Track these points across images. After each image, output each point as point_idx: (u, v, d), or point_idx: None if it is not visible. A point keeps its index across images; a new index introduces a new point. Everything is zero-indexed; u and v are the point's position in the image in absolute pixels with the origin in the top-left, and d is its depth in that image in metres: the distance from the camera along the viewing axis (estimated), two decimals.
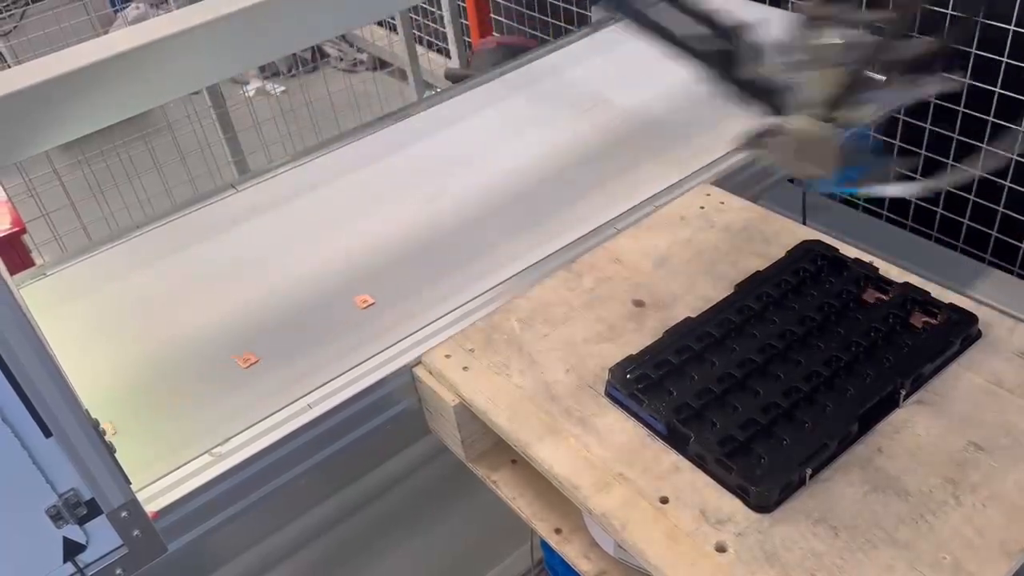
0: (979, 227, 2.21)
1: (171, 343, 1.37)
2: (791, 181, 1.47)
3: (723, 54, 1.05)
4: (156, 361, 1.35)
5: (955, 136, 2.09)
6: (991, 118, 2.02)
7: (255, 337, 1.36)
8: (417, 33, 3.85)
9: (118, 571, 0.95)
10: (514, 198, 1.59)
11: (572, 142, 1.71)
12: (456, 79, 2.68)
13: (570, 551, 1.17)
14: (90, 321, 1.44)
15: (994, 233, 2.19)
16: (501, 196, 1.60)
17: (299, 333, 1.36)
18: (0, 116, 1.35)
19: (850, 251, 1.31)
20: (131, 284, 1.51)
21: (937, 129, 2.12)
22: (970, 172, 0.98)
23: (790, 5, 1.94)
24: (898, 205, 2.37)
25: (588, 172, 1.63)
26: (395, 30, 3.68)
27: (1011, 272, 2.18)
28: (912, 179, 1.14)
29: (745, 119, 1.14)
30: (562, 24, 3.20)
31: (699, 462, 1.06)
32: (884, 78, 0.97)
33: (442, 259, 1.47)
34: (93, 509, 0.90)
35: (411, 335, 1.32)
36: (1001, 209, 2.14)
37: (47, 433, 0.84)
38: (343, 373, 1.27)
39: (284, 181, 1.73)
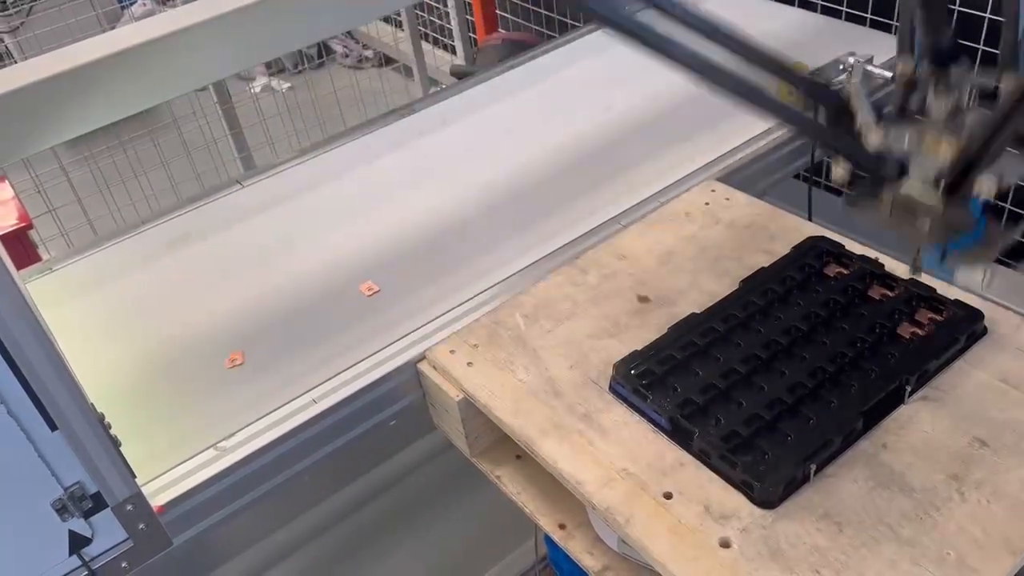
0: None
1: (177, 337, 1.38)
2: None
3: (831, 126, 1.00)
4: (162, 355, 1.35)
5: None
6: None
7: (260, 332, 1.36)
8: (423, 29, 3.85)
9: (123, 564, 0.96)
10: (519, 194, 1.59)
11: (577, 138, 1.71)
12: (461, 75, 2.68)
13: (574, 546, 1.17)
14: (96, 316, 1.44)
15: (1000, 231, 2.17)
16: (506, 192, 1.60)
17: (304, 328, 1.36)
18: (7, 112, 1.36)
19: (856, 247, 1.31)
20: (137, 279, 1.52)
21: None
22: None
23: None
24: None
25: (593, 168, 1.62)
26: (401, 26, 3.68)
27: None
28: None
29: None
30: (568, 20, 3.20)
31: (703, 458, 1.06)
32: (1005, 150, 0.91)
33: (447, 255, 1.47)
34: (99, 502, 0.91)
35: (415, 331, 1.32)
36: (1008, 207, 2.13)
37: (53, 426, 0.85)
38: (348, 368, 1.27)
39: (290, 177, 1.73)
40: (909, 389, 1.09)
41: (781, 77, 1.03)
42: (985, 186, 0.92)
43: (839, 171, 1.01)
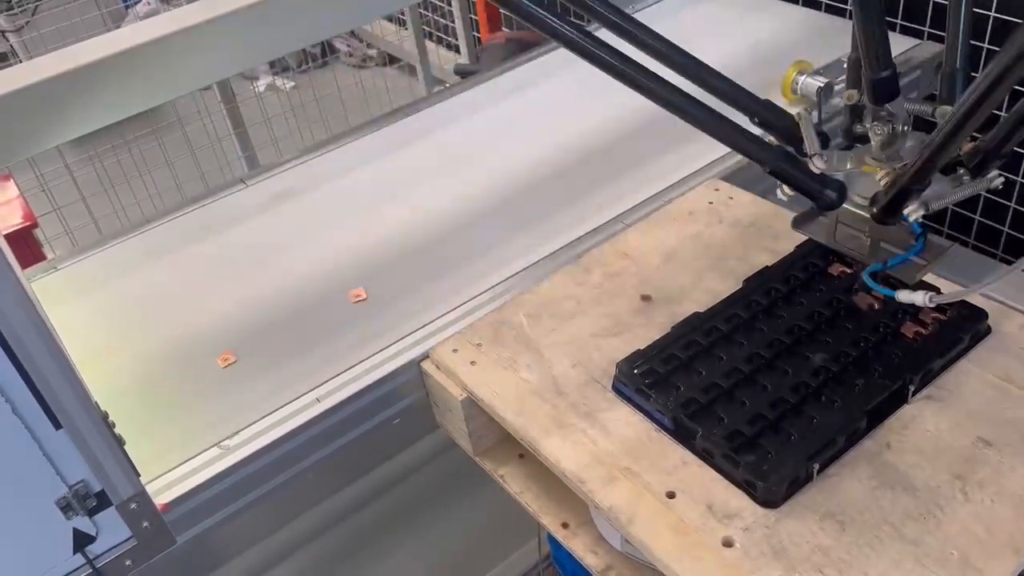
0: (991, 223, 2.19)
1: (181, 336, 1.38)
2: None
3: (780, 149, 1.07)
4: (166, 354, 1.35)
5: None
6: None
7: (265, 330, 1.37)
8: (426, 28, 3.85)
9: (127, 562, 0.96)
10: (523, 193, 1.59)
11: (582, 136, 1.71)
12: (465, 74, 2.68)
13: (577, 545, 1.17)
14: (101, 314, 1.45)
15: (1006, 229, 2.17)
16: (510, 191, 1.60)
17: (309, 327, 1.36)
18: (12, 111, 1.36)
19: None
20: (142, 278, 1.52)
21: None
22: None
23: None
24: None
25: (597, 167, 1.62)
26: (405, 25, 3.68)
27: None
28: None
29: None
30: (572, 19, 3.19)
31: (706, 457, 1.06)
32: (935, 175, 0.97)
33: (450, 254, 1.47)
34: (103, 501, 0.91)
35: (419, 330, 1.32)
36: (1013, 205, 2.13)
37: (57, 425, 0.85)
38: (351, 367, 1.27)
39: (294, 176, 1.73)
40: (913, 389, 1.09)
41: (733, 105, 1.08)
42: (913, 212, 0.98)
43: (784, 192, 1.10)
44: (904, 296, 1.06)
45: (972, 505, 0.96)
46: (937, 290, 1.19)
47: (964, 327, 1.14)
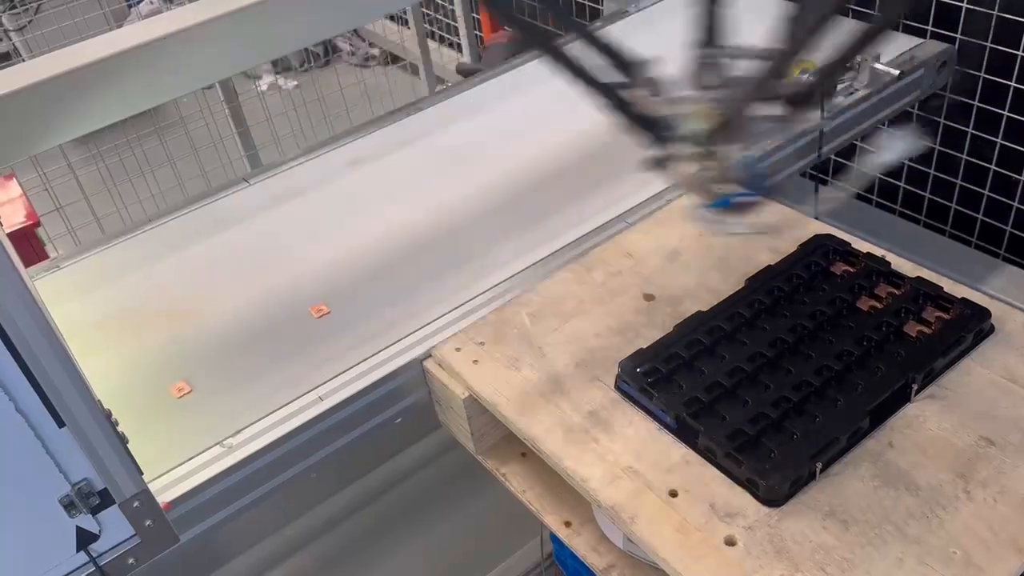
0: (993, 222, 2.19)
1: (183, 335, 1.38)
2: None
3: (617, 87, 1.13)
4: (168, 352, 1.36)
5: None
6: None
7: (267, 329, 1.37)
8: (429, 28, 3.85)
9: (131, 561, 0.96)
10: (526, 191, 1.59)
11: (584, 136, 1.71)
12: (468, 73, 2.68)
13: (579, 544, 1.17)
14: (103, 313, 1.45)
15: (1008, 228, 2.17)
16: (513, 190, 1.60)
17: (311, 325, 1.36)
18: (15, 110, 1.36)
19: (862, 245, 1.30)
20: (144, 277, 1.52)
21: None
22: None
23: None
24: (911, 200, 2.36)
25: (600, 166, 1.62)
26: (407, 25, 3.68)
27: None
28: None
29: None
30: (573, 18, 3.19)
31: (709, 456, 1.06)
32: (763, 113, 1.05)
33: (453, 252, 1.47)
34: (106, 499, 0.91)
35: (421, 328, 1.32)
36: (1016, 204, 2.13)
37: (60, 423, 0.85)
38: (354, 365, 1.27)
39: (297, 175, 1.73)
40: (916, 387, 1.09)
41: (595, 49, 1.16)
42: (734, 150, 1.05)
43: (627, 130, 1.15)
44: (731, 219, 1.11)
45: (975, 504, 0.96)
46: (940, 289, 1.20)
47: (967, 326, 1.14)
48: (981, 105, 2.06)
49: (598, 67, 1.13)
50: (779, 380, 1.11)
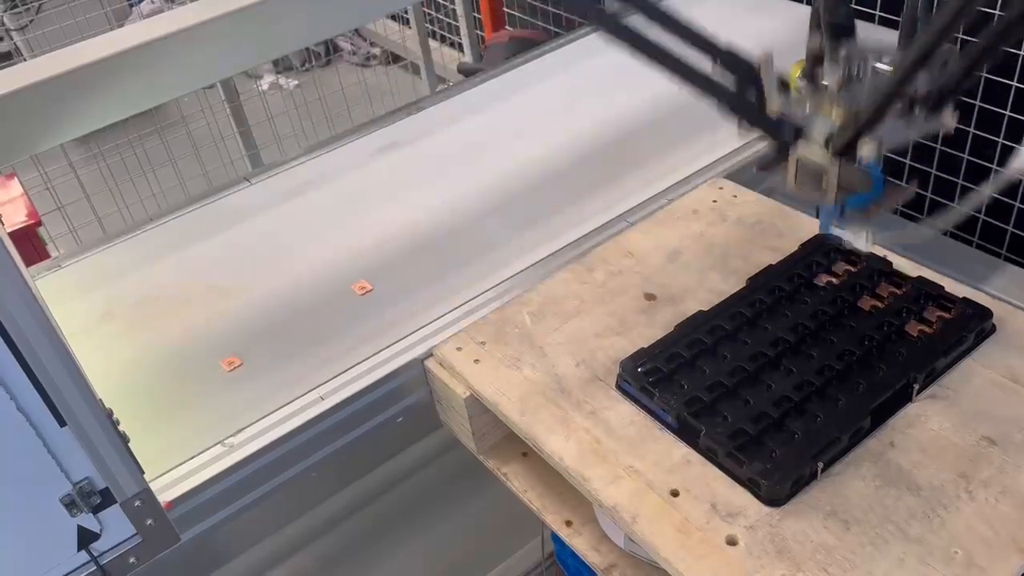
0: (995, 222, 2.19)
1: (185, 334, 1.38)
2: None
3: (739, 93, 1.09)
4: (170, 352, 1.36)
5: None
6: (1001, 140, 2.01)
7: (268, 328, 1.37)
8: (430, 27, 3.85)
9: (132, 560, 0.96)
10: (526, 191, 1.59)
11: (584, 135, 1.71)
12: (469, 73, 2.68)
13: (580, 544, 1.17)
14: (105, 312, 1.45)
15: (1010, 228, 2.17)
16: (513, 189, 1.60)
17: (312, 324, 1.36)
18: (16, 109, 1.36)
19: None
20: (145, 276, 1.52)
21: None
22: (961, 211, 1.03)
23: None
24: (912, 200, 2.35)
25: (601, 165, 1.62)
26: (408, 24, 3.68)
27: None
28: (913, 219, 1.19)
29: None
30: (575, 17, 3.19)
31: (710, 455, 1.05)
32: (892, 114, 0.99)
33: (454, 252, 1.47)
34: (107, 498, 0.91)
35: (423, 327, 1.32)
36: (1017, 204, 2.12)
37: (61, 422, 0.85)
38: (355, 365, 1.27)
39: (298, 174, 1.73)
40: (917, 387, 1.09)
41: (701, 49, 1.10)
42: (867, 149, 0.99)
43: (742, 134, 1.12)
44: (847, 235, 1.09)
45: (976, 504, 0.96)
46: (941, 288, 1.20)
47: (969, 325, 1.14)
48: (982, 105, 2.05)
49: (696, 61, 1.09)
50: (780, 380, 1.11)
